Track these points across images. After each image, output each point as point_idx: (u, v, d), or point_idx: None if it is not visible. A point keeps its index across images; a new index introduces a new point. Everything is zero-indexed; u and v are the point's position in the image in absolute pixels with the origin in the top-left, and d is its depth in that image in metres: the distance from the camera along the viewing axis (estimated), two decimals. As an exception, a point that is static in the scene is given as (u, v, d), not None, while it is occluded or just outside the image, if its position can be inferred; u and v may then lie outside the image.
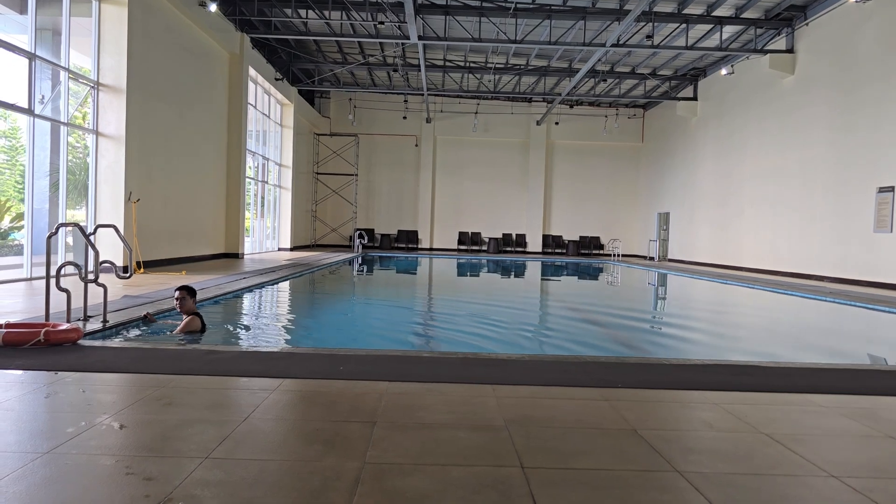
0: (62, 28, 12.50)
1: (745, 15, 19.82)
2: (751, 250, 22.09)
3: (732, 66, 23.13)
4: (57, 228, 6.82)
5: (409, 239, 33.24)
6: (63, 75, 12.47)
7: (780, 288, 15.41)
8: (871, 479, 2.95)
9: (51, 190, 12.64)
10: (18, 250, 12.22)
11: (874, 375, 5.36)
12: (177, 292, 6.97)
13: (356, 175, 32.75)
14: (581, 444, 3.33)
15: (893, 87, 15.61)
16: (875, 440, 3.56)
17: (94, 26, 13.21)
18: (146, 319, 7.18)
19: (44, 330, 5.26)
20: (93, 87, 13.22)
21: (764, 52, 20.32)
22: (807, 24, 19.18)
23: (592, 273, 23.51)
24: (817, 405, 4.24)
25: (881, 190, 15.83)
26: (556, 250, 33.46)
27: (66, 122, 12.52)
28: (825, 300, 13.11)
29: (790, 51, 19.99)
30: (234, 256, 20.13)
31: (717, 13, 19.64)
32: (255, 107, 23.01)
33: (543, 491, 2.68)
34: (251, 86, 22.13)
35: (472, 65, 26.60)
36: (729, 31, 21.00)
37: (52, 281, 6.00)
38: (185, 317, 6.95)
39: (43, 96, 12.13)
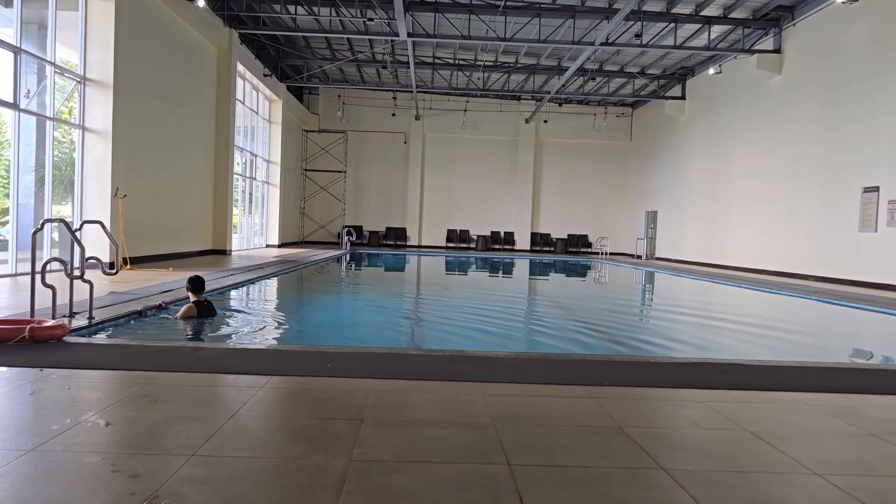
0: (48, 22, 12.38)
1: (732, 15, 19.93)
2: (737, 249, 22.24)
3: (720, 65, 23.25)
4: (42, 224, 6.76)
5: (397, 236, 33.22)
6: (49, 69, 12.36)
7: (766, 286, 15.53)
8: (855, 476, 2.99)
9: (36, 185, 12.53)
10: (3, 246, 12.12)
11: (858, 374, 5.41)
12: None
13: (345, 172, 32.68)
14: (568, 441, 3.35)
15: (879, 88, 15.75)
16: (858, 438, 3.60)
17: (81, 20, 13.10)
18: (141, 315, 7.40)
19: (29, 326, 5.21)
20: (79, 81, 13.11)
21: (751, 51, 20.44)
22: (794, 25, 19.32)
23: (580, 271, 23.58)
24: (802, 403, 4.28)
25: (866, 190, 15.98)
26: (545, 248, 33.54)
27: (52, 116, 12.42)
28: (810, 299, 13.22)
29: (777, 51, 20.12)
30: (222, 253, 20.04)
31: (705, 13, 19.74)
32: (243, 103, 22.90)
33: (530, 488, 2.69)
34: (239, 82, 22.03)
35: (461, 62, 26.59)
36: (717, 30, 21.11)
37: (38, 277, 5.95)
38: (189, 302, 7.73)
39: (28, 91, 12.02)
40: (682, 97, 27.34)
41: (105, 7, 13.15)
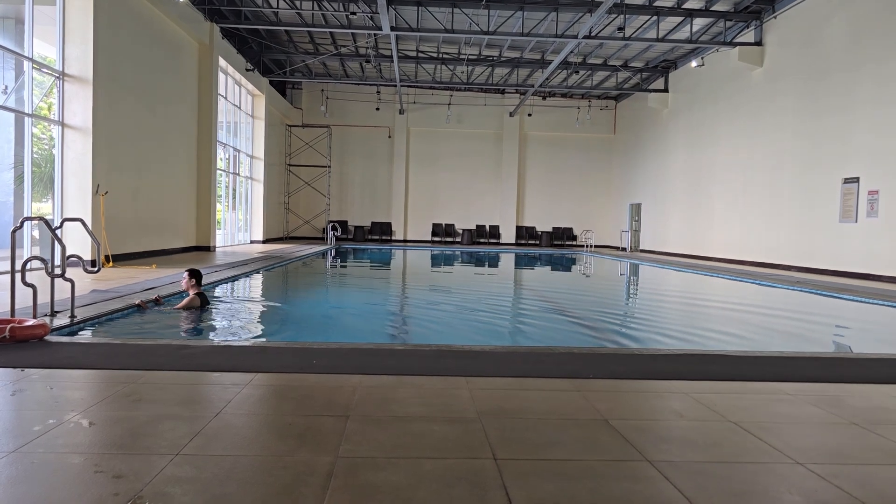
0: (25, 17, 12.21)
1: (714, 8, 20.03)
2: (720, 240, 22.41)
3: (702, 58, 23.37)
4: (22, 222, 6.68)
5: (382, 231, 33.16)
6: (27, 65, 12.19)
7: (748, 277, 15.66)
8: (836, 465, 3.02)
9: (15, 182, 12.38)
10: (-18, 244, 11.95)
11: (839, 363, 5.47)
12: (185, 274, 8.21)
13: (329, 167, 32.55)
14: (553, 434, 3.36)
15: (859, 79, 15.90)
16: (840, 427, 3.65)
17: (59, 15, 12.92)
18: (140, 307, 7.75)
19: (9, 326, 5.15)
20: (58, 77, 12.94)
21: (733, 44, 20.55)
22: (775, 17, 19.44)
23: (565, 264, 23.66)
24: (784, 393, 4.32)
25: (846, 181, 16.14)
26: (530, 241, 33.62)
27: (30, 113, 12.26)
28: (792, 289, 13.35)
29: (759, 43, 20.25)
30: (206, 249, 19.91)
31: (687, 6, 19.82)
32: (225, 98, 22.72)
33: (516, 482, 2.70)
34: (221, 76, 21.84)
35: (445, 56, 26.52)
36: (699, 23, 21.20)
37: (18, 276, 5.88)
38: (191, 294, 8.10)
39: (6, 87, 11.87)
40: (665, 90, 27.46)
41: (83, 2, 12.98)
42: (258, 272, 14.23)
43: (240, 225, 25.88)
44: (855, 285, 13.50)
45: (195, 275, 8.25)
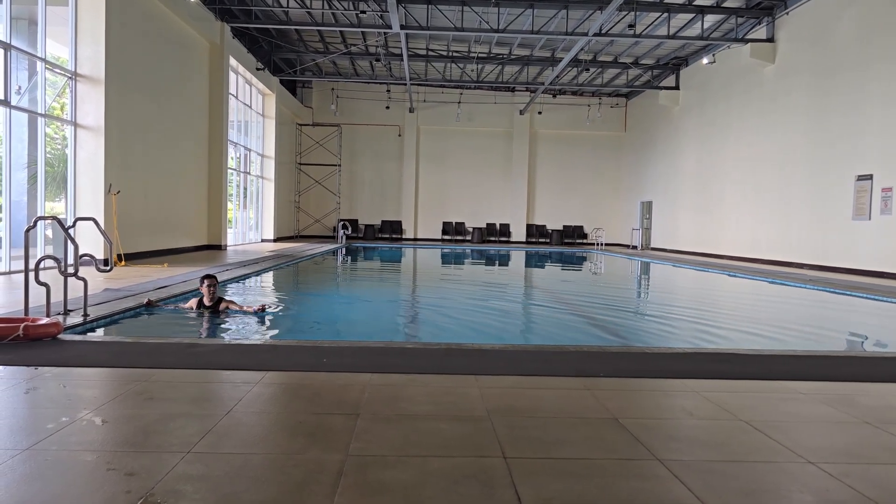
0: (38, 17, 12.30)
1: (726, 4, 19.90)
2: (732, 238, 22.28)
3: (714, 55, 23.24)
4: (35, 222, 6.74)
5: (392, 229, 33.20)
6: (40, 66, 12.28)
7: (760, 275, 15.56)
8: (847, 464, 3.00)
9: (29, 182, 12.47)
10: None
11: (851, 362, 5.43)
12: (206, 281, 7.83)
13: (339, 165, 32.62)
14: (563, 433, 3.36)
15: (871, 75, 15.77)
16: (852, 426, 3.62)
17: (71, 15, 13.01)
18: (149, 305, 7.74)
19: (23, 325, 5.19)
20: (70, 77, 13.03)
21: (745, 41, 20.42)
22: (787, 14, 19.30)
23: (576, 262, 23.61)
24: (795, 392, 4.30)
25: (860, 178, 16.01)
26: (540, 240, 33.57)
27: (43, 113, 12.35)
28: (805, 287, 13.26)
29: (770, 40, 20.11)
30: (217, 248, 20.00)
31: (698, 2, 19.69)
32: (236, 97, 22.80)
33: (525, 481, 2.70)
34: (232, 76, 21.93)
35: (454, 54, 26.51)
36: (710, 20, 21.08)
37: (31, 275, 5.93)
38: (217, 301, 7.94)
39: (20, 87, 11.95)
40: (676, 87, 27.32)
41: (95, 2, 13.06)
42: (269, 271, 14.28)
43: (250, 224, 25.99)
44: (869, 283, 13.39)
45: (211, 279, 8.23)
